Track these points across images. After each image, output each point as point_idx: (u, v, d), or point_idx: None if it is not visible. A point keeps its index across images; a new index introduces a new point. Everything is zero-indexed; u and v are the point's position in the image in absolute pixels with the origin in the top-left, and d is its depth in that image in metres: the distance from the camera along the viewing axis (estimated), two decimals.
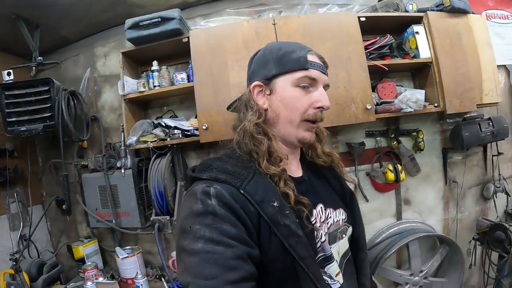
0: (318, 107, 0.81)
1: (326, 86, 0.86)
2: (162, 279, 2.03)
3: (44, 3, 1.89)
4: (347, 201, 0.95)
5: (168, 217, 1.88)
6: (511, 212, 2.46)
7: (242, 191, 0.69)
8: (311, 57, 0.82)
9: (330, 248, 0.81)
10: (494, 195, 2.39)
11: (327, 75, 0.86)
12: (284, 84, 0.81)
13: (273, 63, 0.83)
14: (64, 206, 2.18)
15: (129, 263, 2.02)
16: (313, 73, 0.81)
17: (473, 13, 2.15)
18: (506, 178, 2.48)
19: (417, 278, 2.15)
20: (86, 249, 2.15)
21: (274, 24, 1.81)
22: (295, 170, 0.88)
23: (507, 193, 2.44)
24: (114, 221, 2.06)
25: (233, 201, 0.66)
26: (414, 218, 2.23)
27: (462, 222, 2.37)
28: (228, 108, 1.00)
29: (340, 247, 0.86)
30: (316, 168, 0.94)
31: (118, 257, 2.01)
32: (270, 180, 0.75)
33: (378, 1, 2.03)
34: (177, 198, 1.92)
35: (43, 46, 2.16)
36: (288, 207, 0.72)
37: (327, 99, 0.82)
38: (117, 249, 2.05)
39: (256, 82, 0.84)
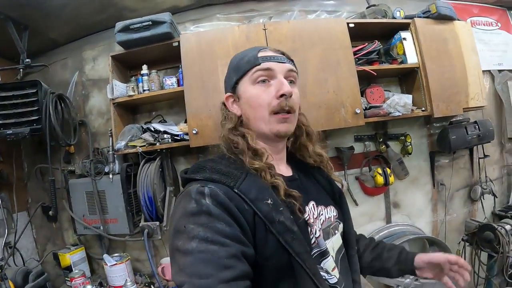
0: (281, 96, 0.80)
1: (289, 72, 0.84)
2: (152, 286, 1.99)
3: (33, 4, 1.86)
4: (336, 199, 0.96)
5: (157, 223, 1.85)
6: (498, 213, 2.50)
7: (236, 190, 0.69)
8: (262, 53, 0.84)
9: (325, 243, 0.82)
10: (482, 196, 2.44)
11: (290, 63, 0.86)
12: (244, 86, 0.84)
13: (233, 72, 0.87)
14: (50, 212, 2.12)
15: (117, 270, 1.97)
16: (264, 65, 0.81)
17: (458, 20, 2.21)
18: (492, 180, 2.53)
19: (408, 280, 2.15)
20: (73, 256, 2.10)
21: (265, 29, 1.82)
22: (285, 170, 0.90)
23: (494, 195, 2.49)
24: (102, 228, 2.02)
25: (227, 200, 0.66)
26: (403, 221, 2.26)
27: (450, 224, 2.41)
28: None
29: (334, 243, 0.86)
30: (305, 168, 0.95)
31: (106, 264, 1.97)
32: (262, 179, 0.75)
33: (367, 8, 2.06)
34: (167, 204, 1.90)
35: (31, 48, 2.12)
36: (282, 203, 0.72)
37: (287, 85, 0.80)
38: (105, 256, 2.00)
39: (227, 94, 0.89)
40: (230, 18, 2.13)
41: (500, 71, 2.64)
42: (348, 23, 1.91)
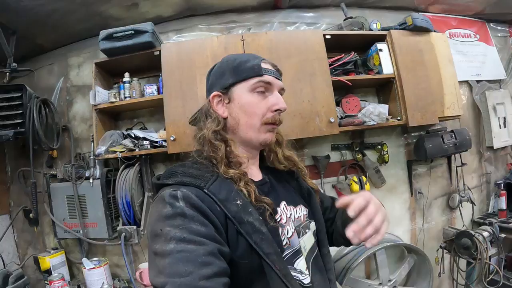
0: (276, 110, 0.85)
1: (281, 90, 0.90)
2: None
3: (22, 10, 1.90)
4: (306, 198, 0.98)
5: (134, 227, 1.88)
6: (477, 221, 2.54)
7: (206, 191, 0.71)
8: (264, 65, 0.87)
9: (298, 241, 0.83)
10: (460, 204, 2.47)
11: (281, 81, 0.91)
12: (241, 91, 0.85)
13: (230, 73, 0.87)
14: (31, 215, 2.14)
15: (95, 274, 1.98)
16: (267, 78, 0.85)
17: (435, 31, 2.27)
18: (471, 188, 2.57)
19: (386, 287, 2.18)
20: (52, 260, 2.11)
21: (243, 40, 1.87)
22: (256, 174, 0.91)
23: (472, 202, 2.53)
24: (81, 232, 2.04)
25: (200, 202, 0.68)
26: None
27: (429, 232, 2.43)
28: (190, 122, 1.03)
29: (306, 242, 0.88)
30: (275, 171, 0.97)
31: (85, 268, 1.99)
32: (232, 183, 0.77)
33: (344, 20, 2.12)
34: (145, 209, 1.92)
35: (18, 53, 2.15)
36: (251, 205, 0.74)
37: (283, 102, 0.87)
38: (84, 260, 2.02)
39: (215, 92, 0.87)
40: (212, 28, 2.18)
41: (478, 81, 2.70)
42: (324, 35, 1.96)
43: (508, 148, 2.89)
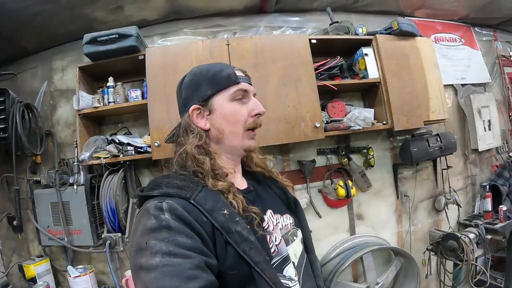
0: (256, 114, 0.89)
1: (255, 95, 0.93)
2: None
3: (5, 11, 1.85)
4: (292, 207, 0.99)
5: (119, 234, 1.86)
6: (463, 222, 2.57)
7: (192, 201, 0.70)
8: (238, 72, 0.89)
9: (287, 249, 0.84)
10: (446, 207, 2.50)
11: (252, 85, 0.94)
12: (222, 101, 0.86)
13: (207, 84, 0.87)
14: (15, 222, 2.10)
15: (81, 282, 1.95)
16: (244, 85, 0.88)
17: (421, 36, 2.29)
18: (457, 190, 2.60)
19: None
20: (37, 268, 2.07)
21: (228, 45, 1.86)
22: (240, 182, 0.92)
23: (458, 205, 2.56)
24: (66, 239, 2.01)
25: (186, 214, 0.67)
26: (368, 232, 2.29)
27: (415, 235, 2.46)
28: (166, 141, 1.01)
29: (295, 249, 0.88)
30: (258, 178, 0.99)
31: (70, 276, 1.96)
32: (219, 194, 0.77)
33: (330, 25, 2.12)
34: (129, 215, 1.90)
35: (1, 56, 2.12)
36: (238, 215, 0.74)
37: (261, 106, 0.90)
38: (69, 268, 1.99)
39: (194, 106, 0.87)
40: (197, 32, 2.17)
41: (463, 85, 2.73)
42: (310, 39, 1.96)
43: (493, 150, 2.94)
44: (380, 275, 2.22)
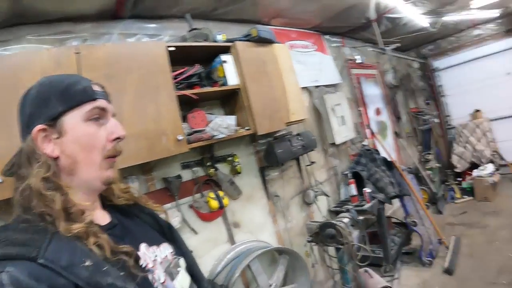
0: (115, 139, 0.74)
1: (113, 115, 0.78)
2: None
3: None
4: (167, 234, 0.87)
5: None
6: (333, 210, 2.89)
7: (41, 261, 0.54)
8: (95, 87, 0.74)
9: (174, 285, 0.74)
10: (315, 199, 2.77)
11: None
12: (75, 121, 0.69)
13: (57, 99, 0.69)
14: None
15: None
16: (102, 103, 0.73)
17: (278, 42, 2.45)
18: (322, 182, 2.93)
19: None
20: None
21: (78, 53, 1.57)
22: (101, 217, 0.76)
23: (326, 195, 2.87)
24: None
25: (34, 284, 0.52)
26: (247, 238, 2.30)
27: (293, 230, 2.61)
28: (5, 174, 0.74)
29: (181, 283, 0.77)
30: (122, 208, 0.83)
31: None
32: (76, 240, 0.61)
33: (188, 32, 2.06)
34: None
35: None
36: (105, 262, 0.60)
37: (122, 128, 0.75)
38: None
39: (39, 126, 0.68)
40: (42, 40, 1.78)
41: (317, 87, 3.10)
42: (168, 46, 1.84)
43: (348, 142, 3.45)
44: (271, 277, 2.23)
